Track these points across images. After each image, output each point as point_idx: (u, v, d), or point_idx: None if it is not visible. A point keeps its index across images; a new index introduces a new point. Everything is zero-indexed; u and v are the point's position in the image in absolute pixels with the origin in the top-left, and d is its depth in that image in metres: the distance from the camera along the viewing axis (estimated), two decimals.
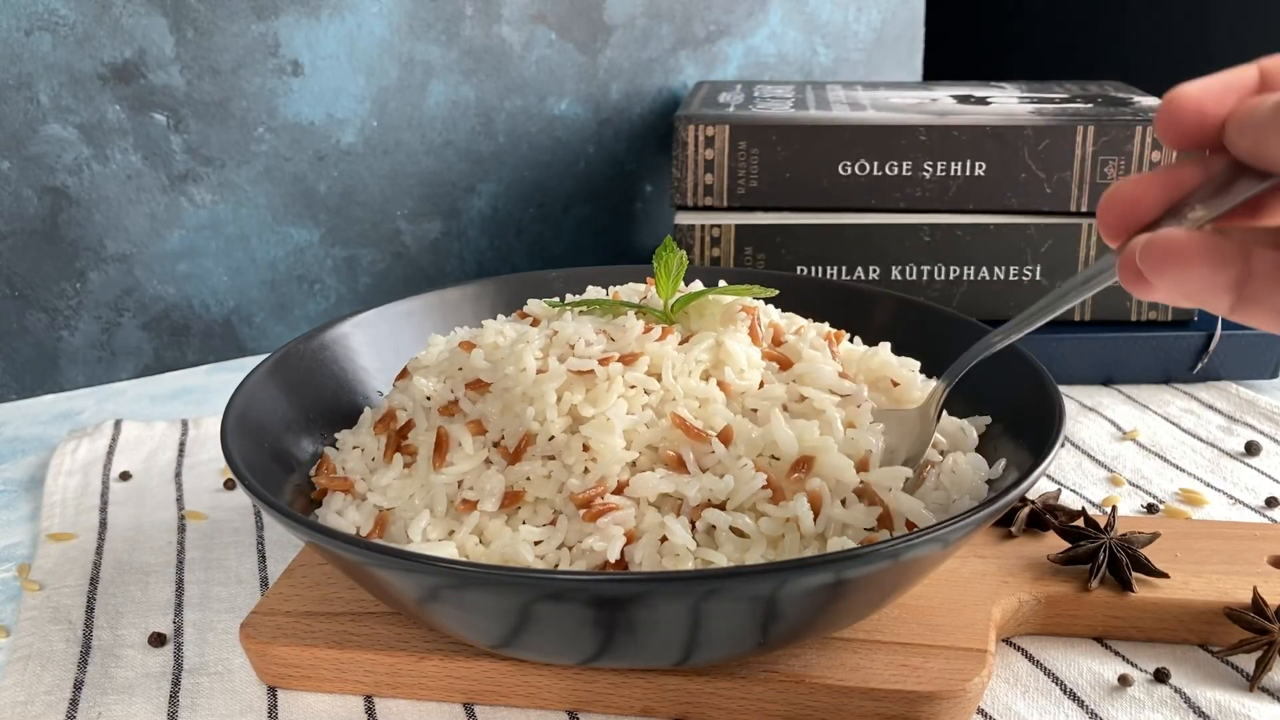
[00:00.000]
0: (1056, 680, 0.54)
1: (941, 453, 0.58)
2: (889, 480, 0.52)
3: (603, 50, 1.07)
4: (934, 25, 1.27)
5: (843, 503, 0.52)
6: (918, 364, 0.61)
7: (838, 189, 0.84)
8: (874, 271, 0.85)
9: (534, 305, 0.63)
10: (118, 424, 0.80)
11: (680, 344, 0.56)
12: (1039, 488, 0.68)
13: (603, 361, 0.54)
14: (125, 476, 0.73)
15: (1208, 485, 0.71)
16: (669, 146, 1.09)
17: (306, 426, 0.60)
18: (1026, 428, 0.56)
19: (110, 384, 0.92)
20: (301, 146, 0.96)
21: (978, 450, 0.59)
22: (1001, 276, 0.85)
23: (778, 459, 0.52)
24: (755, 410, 0.55)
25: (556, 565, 0.51)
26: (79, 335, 0.92)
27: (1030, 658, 0.55)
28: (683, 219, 0.85)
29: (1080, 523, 0.60)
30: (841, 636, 0.53)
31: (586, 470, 0.52)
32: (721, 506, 0.51)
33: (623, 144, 1.10)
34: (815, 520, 0.50)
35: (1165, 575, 0.57)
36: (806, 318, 0.64)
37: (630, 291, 0.64)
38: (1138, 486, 0.71)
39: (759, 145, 0.84)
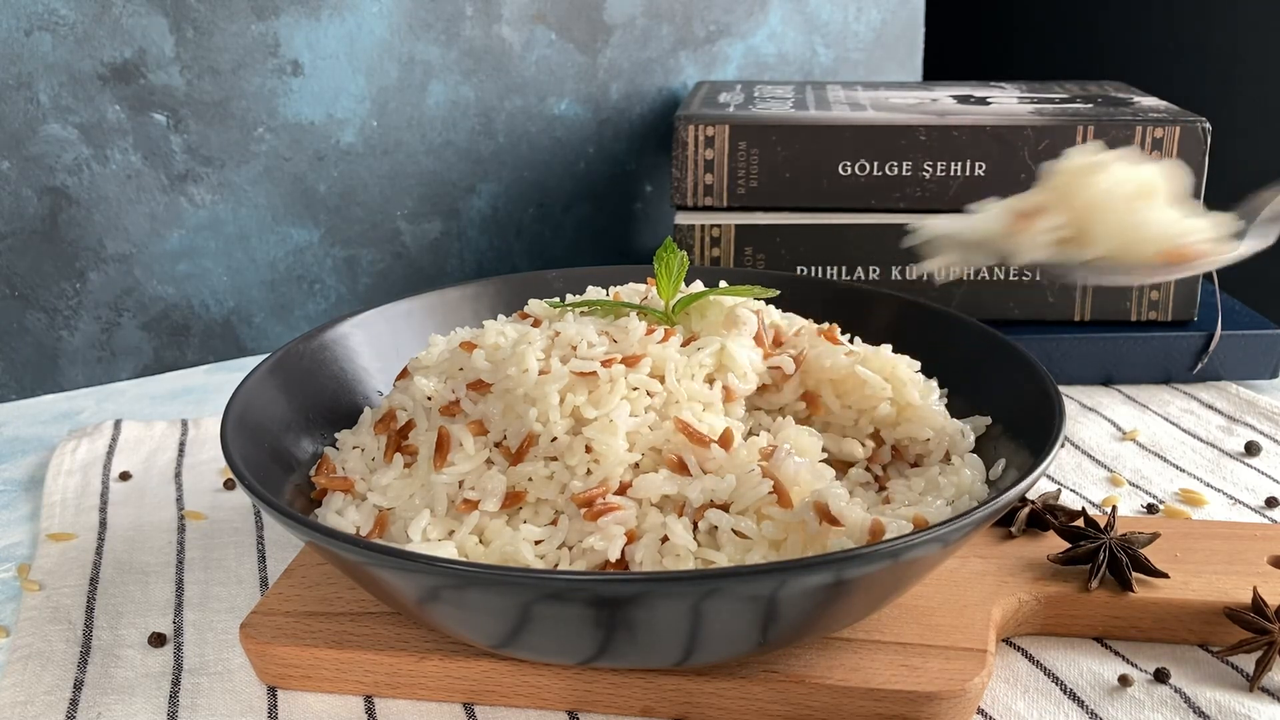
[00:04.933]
0: (1056, 680, 0.54)
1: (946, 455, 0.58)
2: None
3: (603, 50, 1.07)
4: (934, 25, 1.27)
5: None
6: (918, 364, 0.61)
7: (838, 189, 0.84)
8: (874, 271, 0.85)
9: (535, 306, 0.63)
10: (118, 424, 0.80)
11: (682, 345, 0.56)
12: (1039, 488, 0.68)
13: (605, 363, 0.54)
14: (125, 476, 0.73)
15: (1208, 485, 0.71)
16: (669, 146, 1.09)
17: (306, 426, 0.60)
18: (1026, 428, 0.56)
19: (110, 384, 0.92)
20: (301, 146, 0.96)
21: (978, 450, 0.59)
22: (1001, 277, 0.85)
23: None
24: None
25: (557, 565, 0.51)
26: (79, 335, 0.92)
27: (1030, 658, 0.55)
28: (683, 219, 0.85)
29: (1080, 523, 0.60)
30: (841, 636, 0.53)
31: (589, 471, 0.52)
32: (725, 508, 0.51)
33: (623, 144, 1.10)
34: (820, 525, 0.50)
35: (1165, 575, 0.57)
36: (807, 318, 0.64)
37: (631, 292, 0.64)
38: (1138, 486, 0.71)
39: (759, 145, 0.84)
